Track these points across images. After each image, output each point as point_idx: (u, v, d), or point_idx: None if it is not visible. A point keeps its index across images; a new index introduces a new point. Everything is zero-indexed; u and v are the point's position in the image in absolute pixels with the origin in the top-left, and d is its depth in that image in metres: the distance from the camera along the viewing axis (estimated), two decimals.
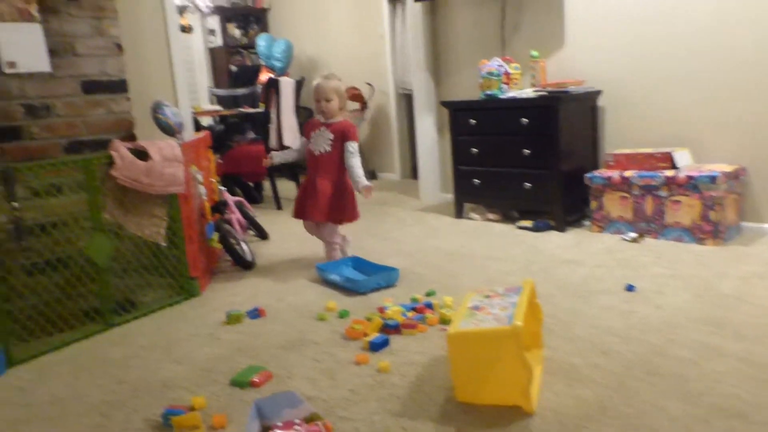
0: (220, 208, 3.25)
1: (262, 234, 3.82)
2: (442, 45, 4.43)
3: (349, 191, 2.99)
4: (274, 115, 4.70)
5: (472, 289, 1.99)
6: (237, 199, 3.73)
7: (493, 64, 3.71)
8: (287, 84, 4.81)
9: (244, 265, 3.15)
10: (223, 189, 3.46)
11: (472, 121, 3.78)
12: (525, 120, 3.50)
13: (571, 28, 3.68)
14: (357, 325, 2.20)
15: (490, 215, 3.89)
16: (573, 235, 3.39)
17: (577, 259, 2.92)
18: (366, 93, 5.78)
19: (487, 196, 3.85)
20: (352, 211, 3.02)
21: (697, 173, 2.99)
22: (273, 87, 4.70)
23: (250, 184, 5.07)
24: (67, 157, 2.53)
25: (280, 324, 2.38)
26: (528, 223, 3.58)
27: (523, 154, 3.53)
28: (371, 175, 6.09)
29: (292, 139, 4.68)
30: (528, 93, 3.58)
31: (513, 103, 3.58)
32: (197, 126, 4.56)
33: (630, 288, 2.45)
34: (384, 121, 5.98)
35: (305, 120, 3.96)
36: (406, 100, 5.73)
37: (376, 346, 2.05)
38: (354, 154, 2.93)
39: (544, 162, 3.46)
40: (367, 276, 2.79)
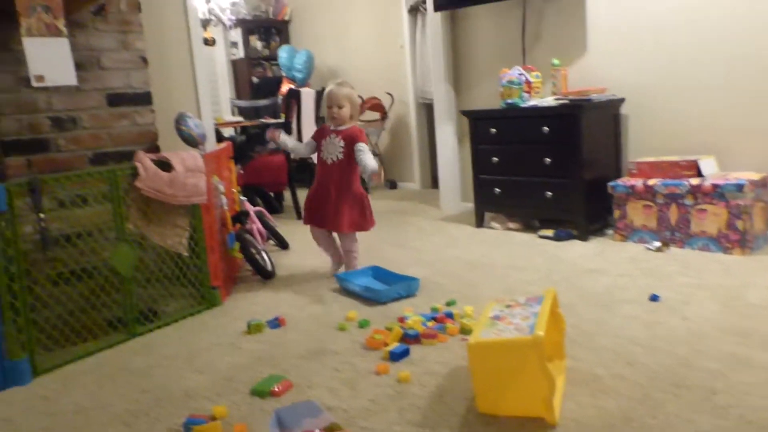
0: (241, 218, 3.28)
1: (282, 244, 3.84)
2: (463, 54, 4.43)
3: (365, 197, 3.01)
4: (294, 126, 4.74)
5: (492, 299, 1.97)
6: (258, 209, 3.76)
7: (514, 72, 3.70)
8: (308, 95, 4.86)
9: (265, 274, 3.16)
10: (244, 199, 3.49)
11: (493, 130, 3.76)
12: (546, 128, 3.47)
13: (593, 36, 3.66)
14: (377, 335, 2.20)
15: (511, 224, 3.87)
16: (595, 244, 3.35)
17: (600, 269, 2.88)
18: (386, 103, 5.81)
19: (508, 205, 3.82)
20: (371, 217, 3.02)
21: (724, 181, 2.94)
22: (294, 98, 4.75)
23: (271, 194, 5.11)
24: (93, 169, 2.58)
25: (300, 333, 2.38)
26: (549, 232, 3.55)
27: (544, 162, 3.51)
28: (392, 184, 6.11)
29: None
30: (549, 101, 3.56)
31: (534, 112, 3.56)
32: (219, 137, 4.62)
33: (654, 298, 2.41)
34: (404, 131, 5.99)
35: None
36: (427, 109, 5.73)
37: (397, 356, 2.05)
38: (364, 152, 2.90)
39: (566, 171, 3.43)
40: (387, 285, 2.79)
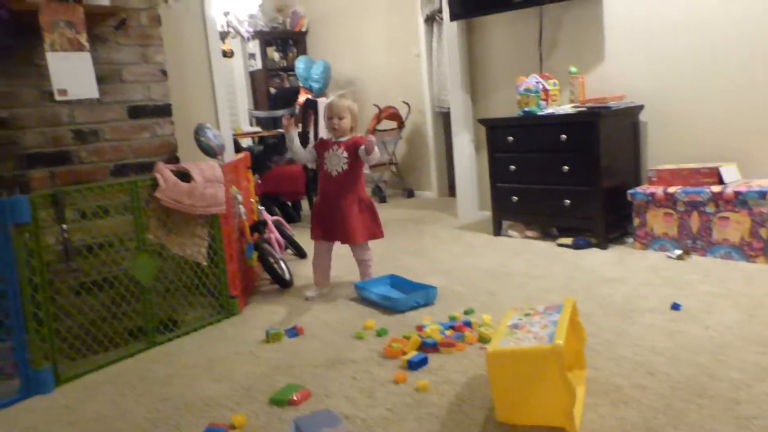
0: (259, 227, 3.30)
1: (300, 253, 3.85)
2: (479, 63, 4.44)
3: (372, 205, 3.01)
4: (312, 135, 4.77)
5: (511, 308, 1.96)
6: (275, 218, 3.78)
7: (531, 80, 3.69)
8: (325, 104, 4.89)
9: (283, 283, 3.18)
10: (262, 208, 3.52)
11: (510, 138, 3.75)
12: (564, 136, 3.45)
13: (611, 43, 3.64)
14: (395, 344, 2.19)
15: (529, 233, 3.85)
16: (615, 252, 3.32)
17: (620, 277, 2.85)
18: (403, 112, 5.82)
19: (526, 213, 3.80)
20: (380, 224, 3.03)
21: (746, 189, 2.90)
22: (311, 108, 4.78)
23: (289, 204, 5.14)
24: (114, 180, 2.62)
25: (318, 342, 2.39)
26: (568, 240, 3.52)
27: (562, 170, 3.49)
28: (409, 193, 6.11)
29: None
30: (567, 109, 3.55)
31: (552, 120, 3.55)
32: (237, 147, 4.66)
33: (676, 307, 2.38)
34: (421, 140, 6.00)
35: None
36: (443, 118, 5.74)
37: (415, 365, 2.04)
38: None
39: (585, 178, 3.41)
40: (405, 294, 2.78)
